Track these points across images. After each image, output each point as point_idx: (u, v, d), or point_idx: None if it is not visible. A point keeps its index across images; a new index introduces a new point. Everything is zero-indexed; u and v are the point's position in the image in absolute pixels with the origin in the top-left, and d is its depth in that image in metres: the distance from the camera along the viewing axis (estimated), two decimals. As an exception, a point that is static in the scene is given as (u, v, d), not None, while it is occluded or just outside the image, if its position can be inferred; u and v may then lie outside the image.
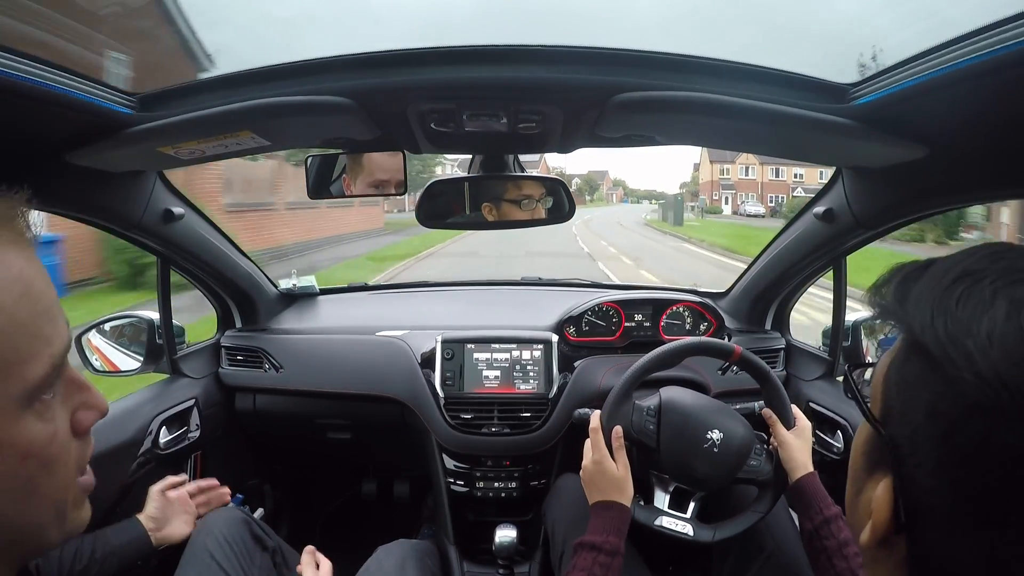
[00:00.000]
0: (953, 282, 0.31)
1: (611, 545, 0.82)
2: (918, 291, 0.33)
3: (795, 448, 0.92)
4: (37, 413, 0.36)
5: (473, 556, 1.32)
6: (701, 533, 0.91)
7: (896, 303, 0.34)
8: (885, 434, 0.34)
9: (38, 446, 0.36)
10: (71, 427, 0.39)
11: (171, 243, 1.17)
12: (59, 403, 0.38)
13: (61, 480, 0.38)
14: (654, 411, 0.95)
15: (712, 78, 0.70)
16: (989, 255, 0.32)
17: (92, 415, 0.41)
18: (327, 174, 1.03)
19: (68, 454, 0.38)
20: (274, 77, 0.74)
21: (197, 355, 1.42)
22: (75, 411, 0.39)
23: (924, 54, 0.57)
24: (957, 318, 0.30)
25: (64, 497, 0.39)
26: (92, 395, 0.41)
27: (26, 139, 0.73)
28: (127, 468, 1.12)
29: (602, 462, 0.89)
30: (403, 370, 1.35)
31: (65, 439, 0.38)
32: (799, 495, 0.88)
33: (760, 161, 33.41)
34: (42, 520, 0.37)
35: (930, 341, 0.30)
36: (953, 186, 0.79)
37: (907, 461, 0.32)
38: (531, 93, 0.75)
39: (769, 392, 0.99)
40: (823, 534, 0.82)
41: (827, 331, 1.35)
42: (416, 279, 2.12)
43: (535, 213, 1.06)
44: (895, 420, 0.34)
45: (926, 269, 0.34)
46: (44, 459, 0.36)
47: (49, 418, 0.37)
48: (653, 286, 1.71)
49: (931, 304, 0.31)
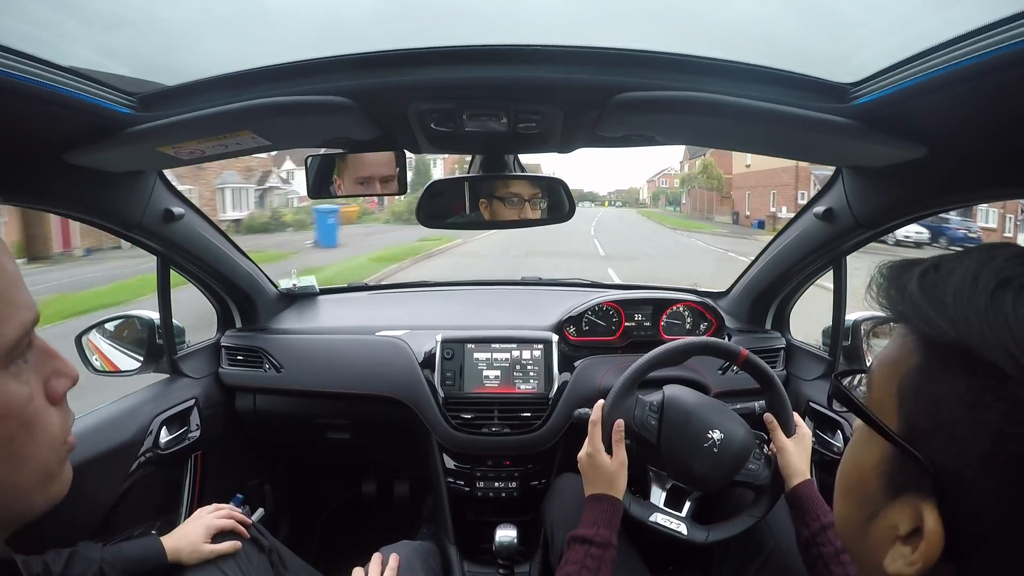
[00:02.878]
0: (996, 289, 0.29)
1: (602, 537, 0.82)
2: (953, 299, 0.30)
3: (794, 455, 0.92)
4: (12, 375, 0.37)
5: (473, 556, 1.32)
6: (695, 533, 0.91)
7: (926, 310, 0.31)
8: (925, 460, 0.30)
9: (17, 406, 0.37)
10: (46, 395, 0.40)
11: (171, 243, 1.17)
12: (32, 370, 0.39)
13: (43, 443, 0.39)
14: (657, 406, 0.95)
15: (712, 78, 0.70)
16: (1012, 259, 0.30)
17: (65, 382, 0.42)
18: (327, 174, 1.03)
19: (48, 418, 0.40)
20: (274, 77, 0.74)
21: (197, 355, 1.42)
22: (48, 379, 0.41)
23: (924, 54, 0.58)
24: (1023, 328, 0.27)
25: (47, 461, 0.40)
26: (62, 363, 0.42)
27: (26, 139, 0.73)
28: (127, 468, 1.12)
29: (595, 455, 0.89)
30: (403, 370, 1.35)
31: (41, 404, 0.39)
32: (796, 502, 0.88)
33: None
34: (27, 484, 0.39)
35: (997, 355, 0.27)
36: (953, 186, 0.79)
37: (963, 488, 0.29)
38: (531, 93, 0.75)
39: (772, 397, 0.98)
40: (820, 541, 0.82)
41: (827, 331, 1.35)
42: (416, 279, 2.12)
43: (534, 213, 1.06)
44: (935, 442, 0.30)
45: (938, 271, 0.32)
46: (23, 419, 0.37)
47: (24, 381, 0.38)
48: (653, 286, 1.71)
49: (980, 314, 0.28)
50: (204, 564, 0.90)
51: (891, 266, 0.35)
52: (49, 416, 0.40)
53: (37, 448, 0.39)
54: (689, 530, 0.91)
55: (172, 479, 1.28)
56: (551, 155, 1.09)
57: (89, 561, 0.82)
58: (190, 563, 0.90)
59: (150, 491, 1.20)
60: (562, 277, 1.99)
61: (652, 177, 65.59)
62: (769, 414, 0.98)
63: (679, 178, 36.87)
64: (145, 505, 1.19)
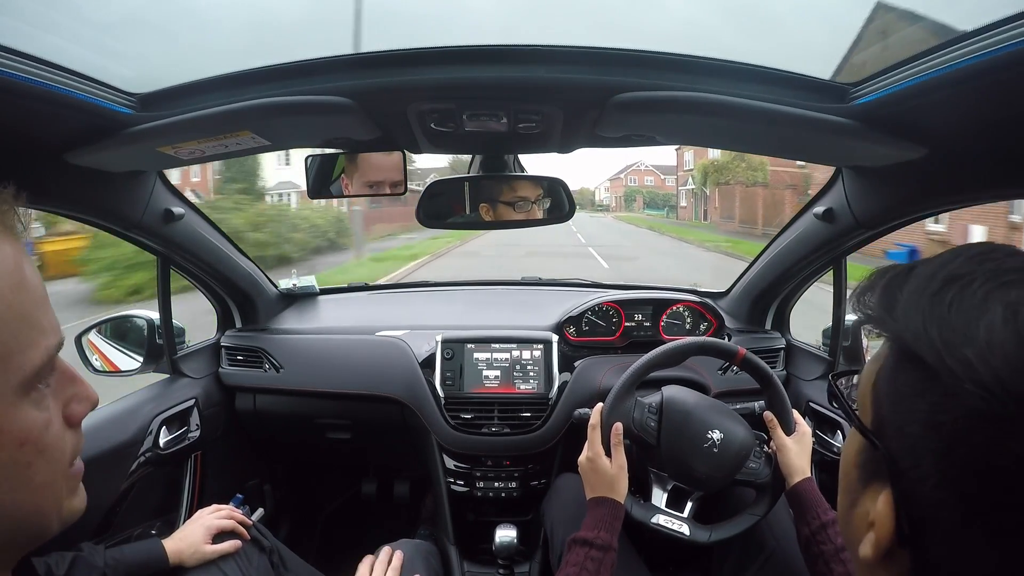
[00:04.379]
0: (941, 287, 0.30)
1: (602, 540, 0.82)
2: (906, 298, 0.32)
3: (794, 453, 0.92)
4: (34, 401, 0.36)
5: (473, 556, 1.32)
6: (697, 533, 0.91)
7: (883, 311, 0.33)
8: (881, 447, 0.33)
9: (35, 433, 0.36)
10: (64, 419, 0.40)
11: (171, 243, 1.17)
12: (52, 395, 0.39)
13: (57, 468, 0.39)
14: (656, 408, 0.95)
15: (712, 78, 0.70)
16: (974, 257, 0.31)
17: (84, 407, 0.41)
18: (327, 174, 1.03)
19: (63, 443, 0.39)
20: (274, 77, 0.74)
21: (197, 355, 1.42)
22: (67, 403, 0.40)
23: (924, 54, 0.58)
24: (951, 325, 0.29)
25: (61, 485, 0.40)
26: (83, 387, 0.42)
27: (26, 139, 0.73)
28: (127, 468, 1.12)
29: (596, 459, 0.89)
30: (403, 370, 1.35)
31: (59, 429, 0.39)
32: (796, 500, 0.89)
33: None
34: (41, 508, 0.38)
35: (925, 350, 0.29)
36: (953, 186, 0.79)
37: (907, 474, 0.31)
38: (531, 93, 0.75)
39: (771, 395, 0.99)
40: (820, 539, 0.82)
41: (827, 331, 1.35)
42: (416, 279, 2.12)
43: (535, 213, 1.06)
44: (890, 432, 0.33)
45: (909, 273, 0.33)
46: (40, 446, 0.37)
47: (44, 407, 0.38)
48: (653, 286, 1.71)
49: (921, 311, 0.30)
50: (205, 564, 0.90)
51: (876, 270, 0.36)
52: (65, 441, 0.40)
53: (54, 474, 0.38)
54: (691, 530, 0.91)
55: (172, 479, 1.28)
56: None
57: (91, 567, 0.81)
58: (192, 565, 0.90)
59: (150, 491, 1.20)
60: (562, 277, 1.99)
61: (617, 175, 47.20)
62: (769, 412, 0.98)
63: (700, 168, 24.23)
64: (145, 505, 1.19)
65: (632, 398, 0.96)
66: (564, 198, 1.07)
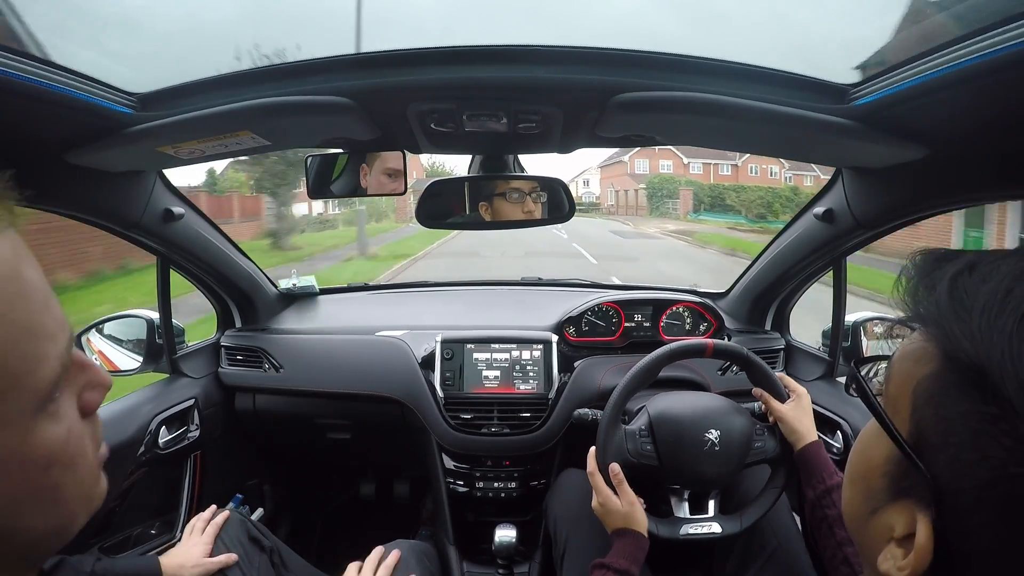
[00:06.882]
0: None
1: (621, 566, 0.83)
2: (983, 313, 0.27)
3: (794, 419, 0.93)
4: (51, 415, 0.33)
5: (473, 556, 1.32)
6: (728, 526, 0.92)
7: (952, 319, 0.28)
8: (928, 475, 0.30)
9: (58, 450, 0.34)
10: (80, 410, 0.37)
11: (171, 243, 1.17)
12: (66, 393, 0.36)
13: (85, 474, 0.36)
14: (647, 430, 0.95)
15: (712, 78, 0.70)
16: None
17: (99, 393, 0.38)
18: (327, 174, 1.03)
19: (85, 445, 0.36)
20: (274, 77, 0.74)
21: (197, 355, 1.42)
22: (82, 393, 0.37)
23: (924, 54, 0.57)
24: None
25: (89, 484, 0.37)
26: (95, 372, 0.38)
27: (26, 139, 0.73)
28: (127, 468, 1.12)
29: (606, 503, 0.90)
30: (403, 370, 1.35)
31: (79, 430, 0.36)
32: (802, 463, 0.89)
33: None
34: (75, 514, 0.36)
35: (1011, 389, 0.26)
36: (953, 186, 0.79)
37: (956, 505, 0.28)
38: (531, 93, 0.75)
39: (753, 372, 1.00)
40: (824, 503, 0.83)
41: (827, 331, 1.35)
42: (416, 279, 2.12)
43: (535, 213, 1.06)
44: (937, 457, 0.29)
45: (971, 273, 0.29)
46: (66, 461, 0.34)
47: (61, 416, 0.34)
48: (653, 286, 1.71)
49: (1007, 337, 0.26)
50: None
51: (926, 258, 0.32)
52: (85, 440, 0.36)
53: (81, 481, 0.36)
54: (722, 526, 0.92)
55: (171, 479, 1.28)
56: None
57: (78, 572, 0.80)
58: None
59: (149, 491, 1.20)
60: (561, 277, 1.99)
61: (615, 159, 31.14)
62: (758, 388, 0.99)
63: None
64: (144, 505, 1.19)
65: (619, 432, 0.96)
66: (564, 198, 1.07)
